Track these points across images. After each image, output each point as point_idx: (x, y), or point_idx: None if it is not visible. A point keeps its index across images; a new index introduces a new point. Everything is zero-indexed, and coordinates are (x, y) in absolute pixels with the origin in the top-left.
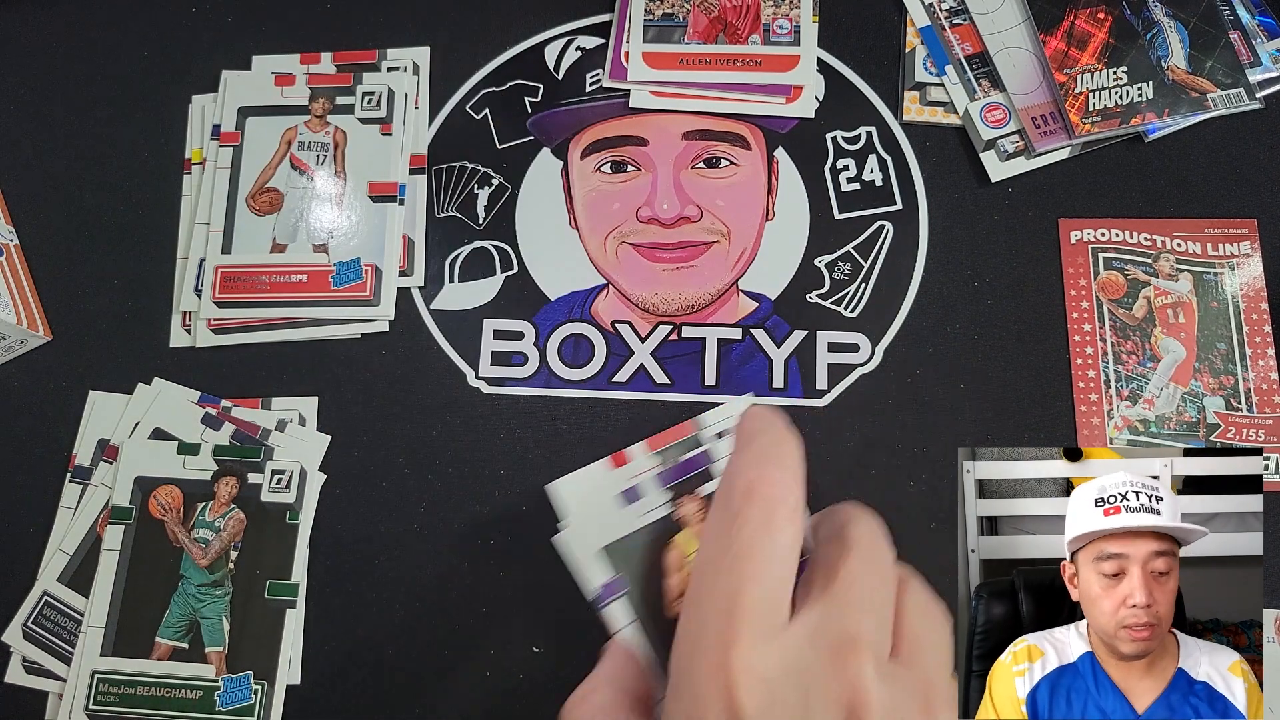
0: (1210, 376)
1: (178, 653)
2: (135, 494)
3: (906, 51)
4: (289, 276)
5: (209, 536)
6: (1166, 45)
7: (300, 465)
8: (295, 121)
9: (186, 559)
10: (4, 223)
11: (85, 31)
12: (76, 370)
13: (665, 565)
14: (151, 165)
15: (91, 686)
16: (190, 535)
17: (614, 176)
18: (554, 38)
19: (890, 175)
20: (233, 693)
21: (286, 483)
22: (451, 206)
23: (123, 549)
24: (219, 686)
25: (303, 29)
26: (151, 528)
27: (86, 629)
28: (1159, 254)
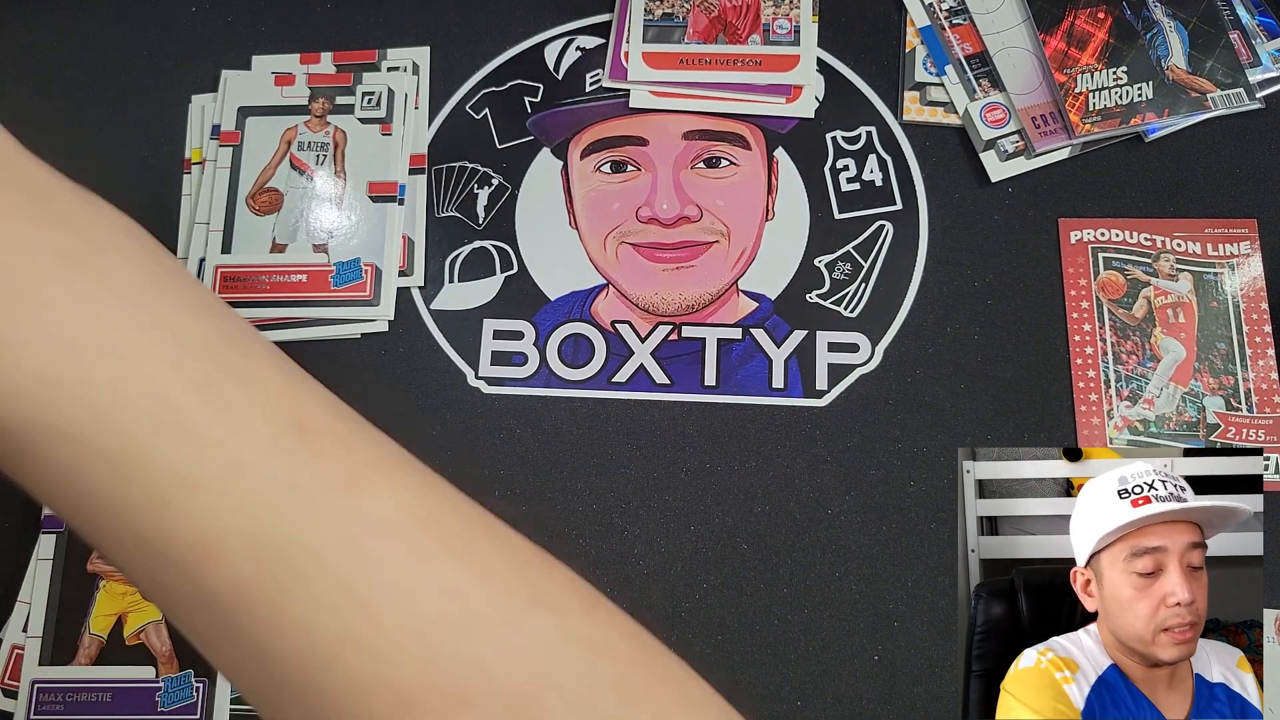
0: (1210, 376)
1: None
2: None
3: (906, 51)
4: (289, 276)
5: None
6: (1166, 45)
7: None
8: (295, 121)
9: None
10: None
11: (85, 30)
12: None
13: None
14: (151, 165)
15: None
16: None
17: (614, 176)
18: (554, 37)
19: (890, 175)
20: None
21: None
22: (451, 206)
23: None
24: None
25: (303, 29)
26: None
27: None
28: (1159, 254)
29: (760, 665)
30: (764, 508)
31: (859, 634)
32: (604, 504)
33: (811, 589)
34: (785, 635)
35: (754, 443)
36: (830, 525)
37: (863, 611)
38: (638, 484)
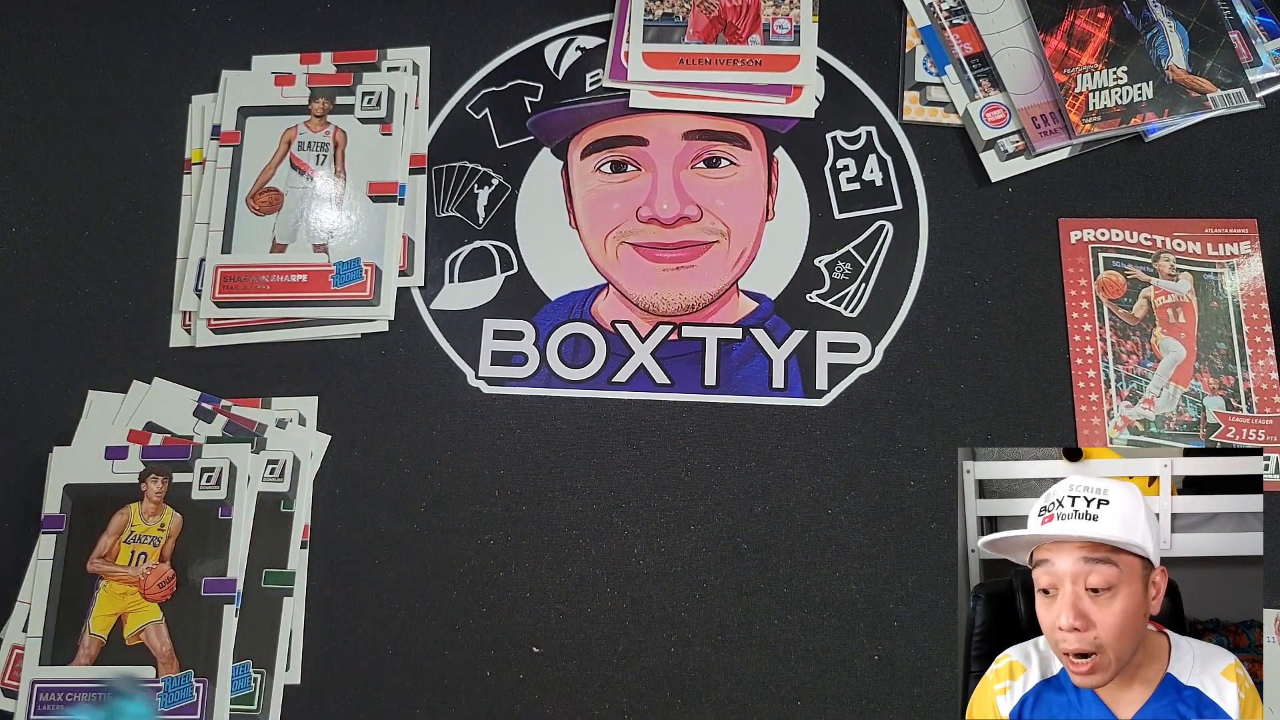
0: (1210, 376)
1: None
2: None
3: (906, 51)
4: (289, 276)
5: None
6: (1166, 45)
7: (293, 454)
8: (295, 121)
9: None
10: None
11: (85, 31)
12: (76, 370)
13: (109, 522)
14: (151, 165)
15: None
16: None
17: (614, 176)
18: (554, 37)
19: (890, 175)
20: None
21: (280, 472)
22: (451, 206)
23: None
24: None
25: (303, 29)
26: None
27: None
28: (1159, 254)
29: (760, 665)
30: (764, 508)
31: (859, 634)
32: (604, 504)
33: (811, 589)
34: (785, 635)
35: (754, 443)
36: (830, 525)
37: (863, 611)
38: (638, 484)
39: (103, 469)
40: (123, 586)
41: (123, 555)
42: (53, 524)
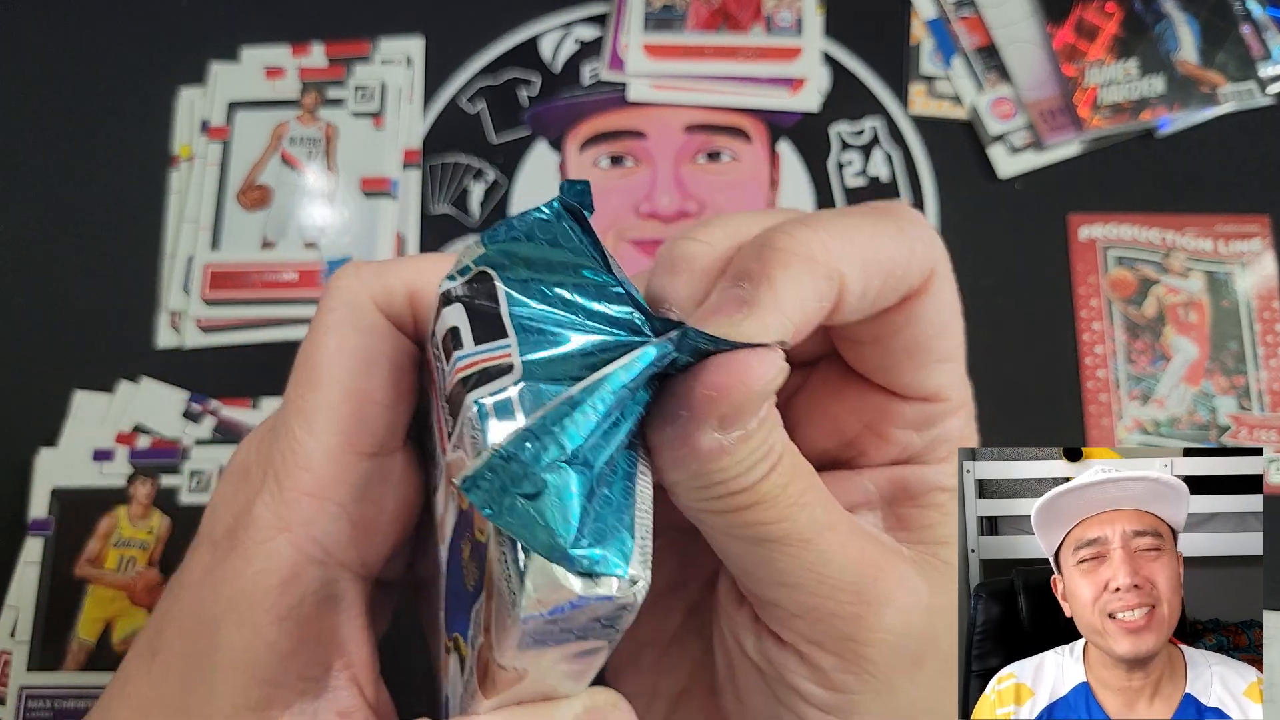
0: (1222, 376)
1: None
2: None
3: (912, 44)
4: (279, 274)
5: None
6: (1176, 38)
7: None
8: (286, 116)
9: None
10: None
11: (68, 21)
12: (61, 371)
13: (96, 526)
14: (138, 160)
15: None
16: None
17: (612, 171)
18: (551, 29)
19: (896, 170)
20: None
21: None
22: (445, 202)
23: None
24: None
25: (293, 18)
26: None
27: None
28: (1170, 251)
29: None
30: None
31: None
32: None
33: None
34: None
35: None
36: None
37: None
38: None
39: (90, 471)
40: (111, 591)
41: (110, 560)
42: (40, 527)
